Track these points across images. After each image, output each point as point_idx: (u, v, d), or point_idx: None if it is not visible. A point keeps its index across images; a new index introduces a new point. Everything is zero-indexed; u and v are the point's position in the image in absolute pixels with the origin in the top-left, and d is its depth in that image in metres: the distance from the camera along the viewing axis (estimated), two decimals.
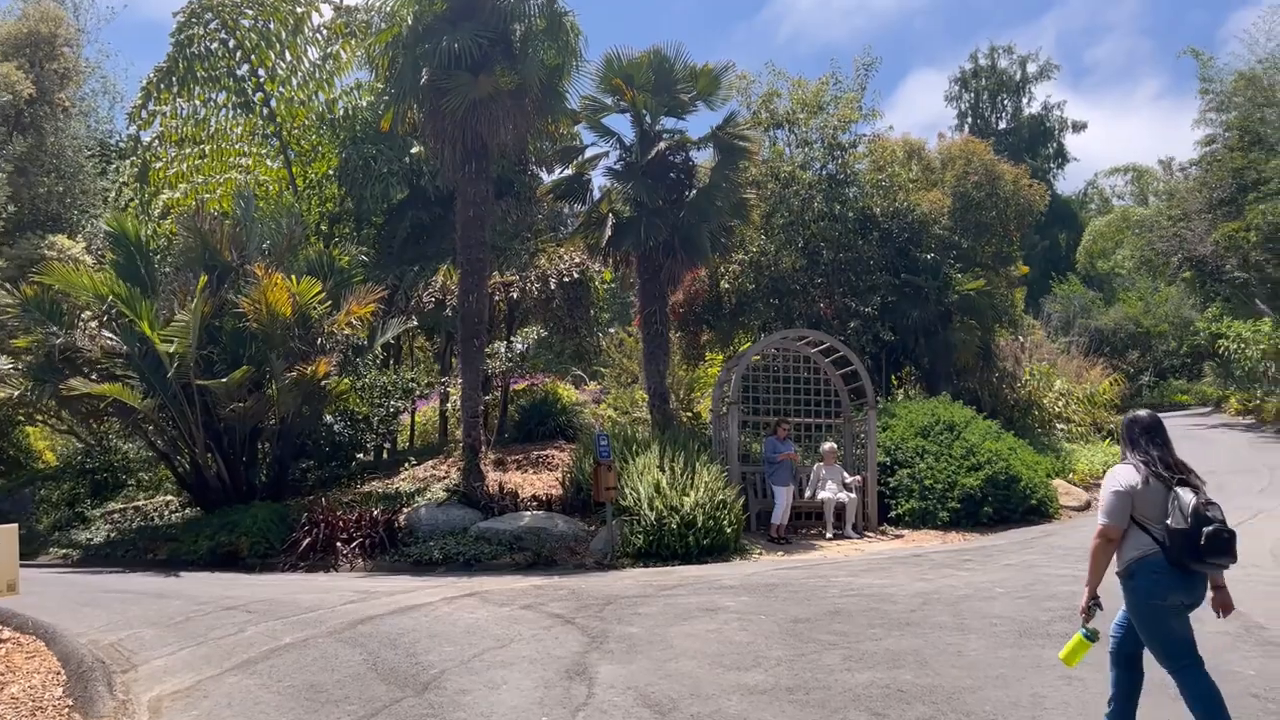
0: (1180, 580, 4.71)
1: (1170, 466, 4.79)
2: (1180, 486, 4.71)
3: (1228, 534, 4.58)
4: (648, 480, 13.12)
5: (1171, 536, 4.64)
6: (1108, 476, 4.94)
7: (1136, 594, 4.83)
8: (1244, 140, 28.17)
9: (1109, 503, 4.83)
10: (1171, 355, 45.11)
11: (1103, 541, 4.86)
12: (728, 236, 17.56)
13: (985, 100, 54.21)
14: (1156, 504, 4.74)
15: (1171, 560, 4.66)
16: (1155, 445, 4.87)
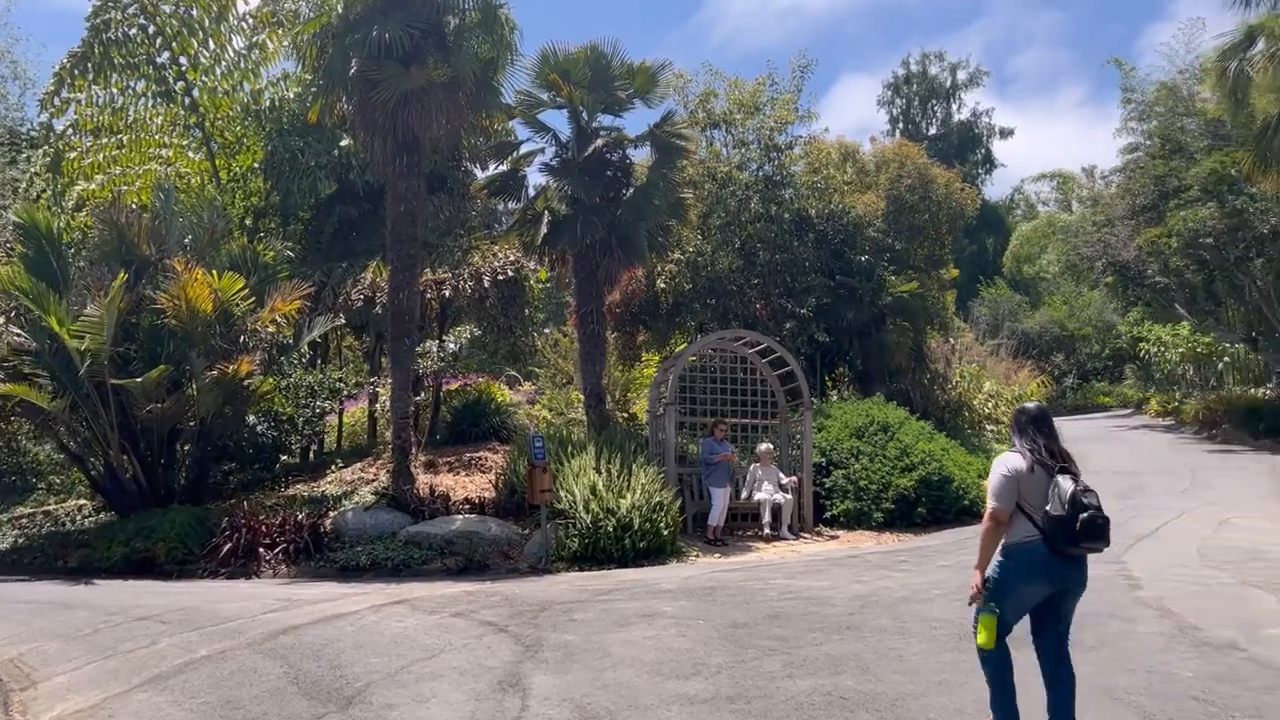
0: (1051, 567, 4.89)
1: (1054, 455, 4.98)
2: (1061, 475, 4.89)
3: (1102, 520, 4.77)
4: (583, 482, 12.88)
5: (1050, 522, 4.82)
6: (996, 463, 5.13)
7: (1004, 569, 5.02)
8: (1165, 148, 28.91)
9: (998, 486, 5.00)
10: (1094, 358, 46.28)
11: (993, 524, 5.01)
12: (665, 236, 17.38)
13: (916, 106, 55.07)
14: (1039, 490, 4.91)
15: (1049, 545, 4.84)
16: (1041, 435, 5.06)
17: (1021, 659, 5.18)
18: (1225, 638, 7.30)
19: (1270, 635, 7.39)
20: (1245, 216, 25.00)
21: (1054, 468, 4.92)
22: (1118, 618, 8.04)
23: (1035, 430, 5.07)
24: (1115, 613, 8.23)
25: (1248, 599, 8.83)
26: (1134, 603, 8.69)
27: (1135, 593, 9.15)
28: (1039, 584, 4.96)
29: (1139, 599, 8.85)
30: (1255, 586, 9.36)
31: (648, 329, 21.12)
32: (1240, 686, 6.03)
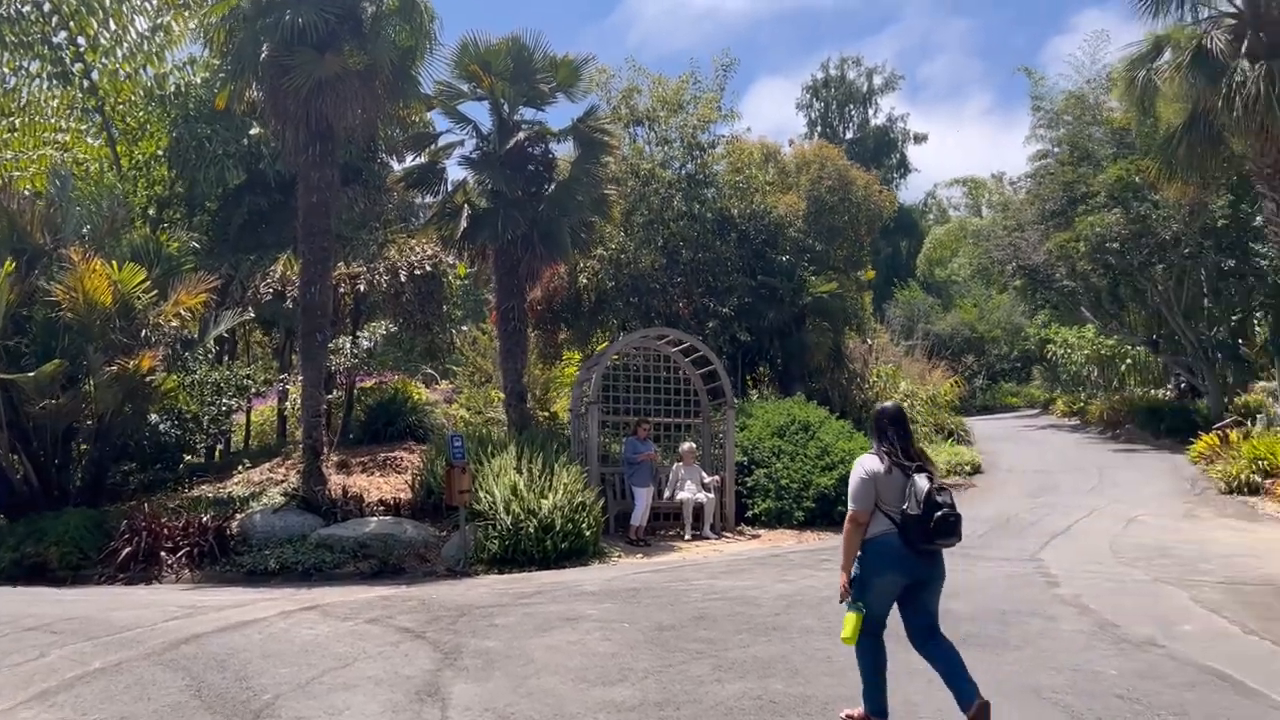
0: (907, 560, 5.11)
1: (910, 456, 5.22)
2: (918, 474, 5.13)
3: (954, 517, 5.03)
4: (504, 483, 12.59)
5: (906, 520, 5.05)
6: (855, 466, 5.33)
7: (865, 564, 5.21)
8: (1074, 156, 29.70)
9: (856, 489, 5.22)
10: (1003, 359, 47.50)
11: (853, 526, 5.22)
12: (588, 232, 17.16)
13: (834, 110, 55.77)
14: (897, 490, 5.13)
15: (906, 541, 5.06)
16: (899, 436, 5.30)
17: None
18: (1144, 634, 7.40)
19: (1185, 631, 7.52)
20: (1148, 223, 25.80)
21: (910, 468, 5.15)
22: (1039, 616, 8.11)
23: (894, 432, 5.31)
24: (1037, 611, 8.31)
25: (1161, 595, 9.00)
26: (1053, 600, 8.79)
27: (1054, 590, 9.27)
28: (895, 575, 5.16)
29: (1058, 596, 8.96)
30: (1166, 583, 9.57)
31: (569, 327, 20.88)
32: (1162, 684, 6.08)
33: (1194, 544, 12.06)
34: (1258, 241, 25.24)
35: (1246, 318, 29.61)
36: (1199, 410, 26.84)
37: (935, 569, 5.24)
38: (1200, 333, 28.38)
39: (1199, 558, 11.01)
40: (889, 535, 5.11)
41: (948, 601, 8.71)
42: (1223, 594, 8.94)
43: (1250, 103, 15.75)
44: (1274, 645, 7.05)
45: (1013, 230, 32.36)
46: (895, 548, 5.09)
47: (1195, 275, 27.29)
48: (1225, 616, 8.00)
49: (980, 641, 7.24)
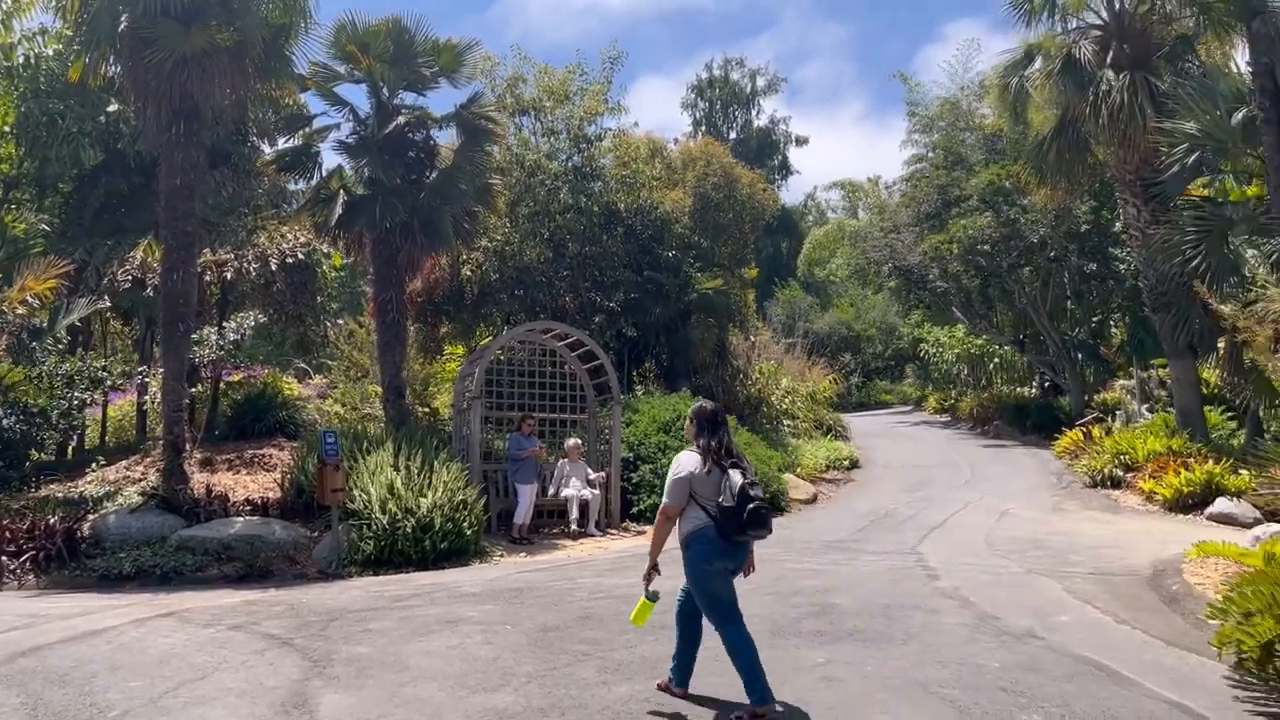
0: (727, 549, 5.44)
1: (726, 453, 5.51)
2: (733, 470, 5.43)
3: (765, 510, 5.42)
4: (380, 481, 12.09)
5: (722, 513, 5.36)
6: (674, 463, 5.60)
7: (691, 560, 5.51)
8: (947, 160, 30.64)
9: (672, 486, 5.51)
10: (878, 357, 48.82)
11: (664, 519, 5.56)
12: (471, 223, 16.70)
13: (718, 110, 56.27)
14: (713, 485, 5.42)
15: (720, 533, 5.36)
16: (717, 433, 5.57)
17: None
18: (1023, 626, 7.51)
19: (1062, 622, 7.66)
20: (1017, 226, 26.81)
21: (726, 464, 5.45)
22: (922, 609, 8.16)
23: (713, 430, 5.58)
24: (919, 604, 8.36)
25: (1036, 587, 9.20)
26: (934, 593, 8.88)
27: (934, 583, 9.37)
28: (723, 561, 5.49)
29: (939, 589, 9.06)
30: (1040, 574, 9.79)
31: (451, 320, 20.33)
32: (1043, 676, 6.14)
33: (1063, 536, 12.45)
34: (1116, 247, 26.53)
35: (1106, 319, 31.10)
36: (1062, 407, 28.05)
37: (744, 558, 5.64)
38: (1063, 333, 29.67)
39: (1069, 549, 11.35)
40: (707, 528, 5.40)
41: (835, 596, 8.78)
42: (1093, 585, 9.19)
43: (1115, 111, 16.45)
44: (1145, 635, 7.23)
45: (889, 232, 33.21)
46: (714, 538, 5.39)
47: (1059, 278, 28.48)
48: (1097, 607, 8.20)
49: (867, 636, 7.22)
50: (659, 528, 5.59)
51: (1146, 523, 13.79)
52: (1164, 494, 14.69)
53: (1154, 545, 11.30)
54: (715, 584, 5.54)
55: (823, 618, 7.86)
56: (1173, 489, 14.54)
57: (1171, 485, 14.60)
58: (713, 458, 5.46)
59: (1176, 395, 18.91)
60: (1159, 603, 8.36)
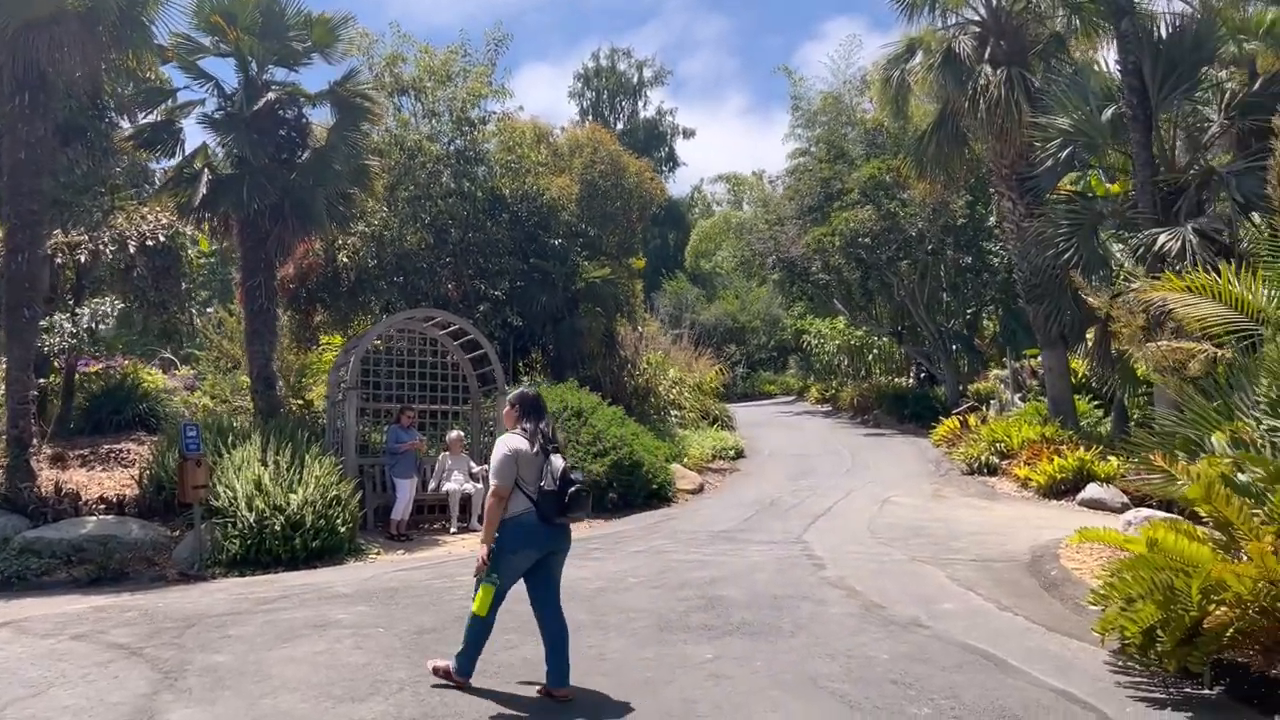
0: (544, 534, 5.55)
1: (548, 438, 5.65)
2: (554, 454, 5.59)
3: (585, 492, 5.59)
4: (247, 476, 11.39)
5: (543, 496, 5.48)
6: (498, 444, 5.64)
7: (502, 540, 5.55)
8: (830, 154, 31.11)
9: (499, 467, 5.52)
10: (762, 348, 49.44)
11: (496, 501, 5.54)
12: (347, 205, 15.95)
13: (605, 99, 55.96)
14: (536, 468, 5.54)
15: (542, 516, 5.47)
16: (540, 419, 5.73)
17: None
18: (909, 615, 7.47)
19: (946, 610, 7.66)
20: (897, 220, 27.38)
21: (548, 449, 5.59)
22: (809, 599, 8.06)
23: (537, 415, 5.72)
24: (807, 594, 8.27)
25: (919, 574, 9.23)
26: (821, 583, 8.81)
27: (821, 573, 9.32)
28: (530, 551, 5.57)
29: (825, 579, 9.00)
30: (924, 562, 9.86)
31: (327, 308, 19.46)
32: (931, 666, 6.07)
33: (943, 522, 12.63)
34: (990, 241, 27.38)
35: (979, 311, 32.10)
36: (938, 397, 28.82)
37: (566, 540, 5.77)
38: (939, 325, 30.48)
39: (949, 536, 11.50)
40: (527, 514, 5.49)
41: (723, 587, 8.62)
42: (975, 571, 9.28)
43: (993, 105, 16.83)
44: (1027, 621, 7.28)
45: (773, 225, 33.56)
46: (533, 525, 5.48)
47: (936, 271, 29.24)
48: (980, 594, 8.25)
49: (756, 629, 7.06)
50: (492, 510, 5.57)
51: (1023, 508, 14.15)
52: (1038, 480, 15.11)
53: (1031, 531, 11.55)
54: (505, 572, 5.59)
55: (711, 611, 7.68)
56: (1047, 475, 14.96)
57: (1045, 472, 15.03)
58: (539, 441, 5.58)
59: (1049, 384, 19.54)
60: (1039, 588, 8.47)
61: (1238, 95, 14.87)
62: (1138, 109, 14.62)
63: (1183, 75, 14.48)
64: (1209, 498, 5.46)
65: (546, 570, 5.72)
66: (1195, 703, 5.27)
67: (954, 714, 5.17)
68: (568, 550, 5.82)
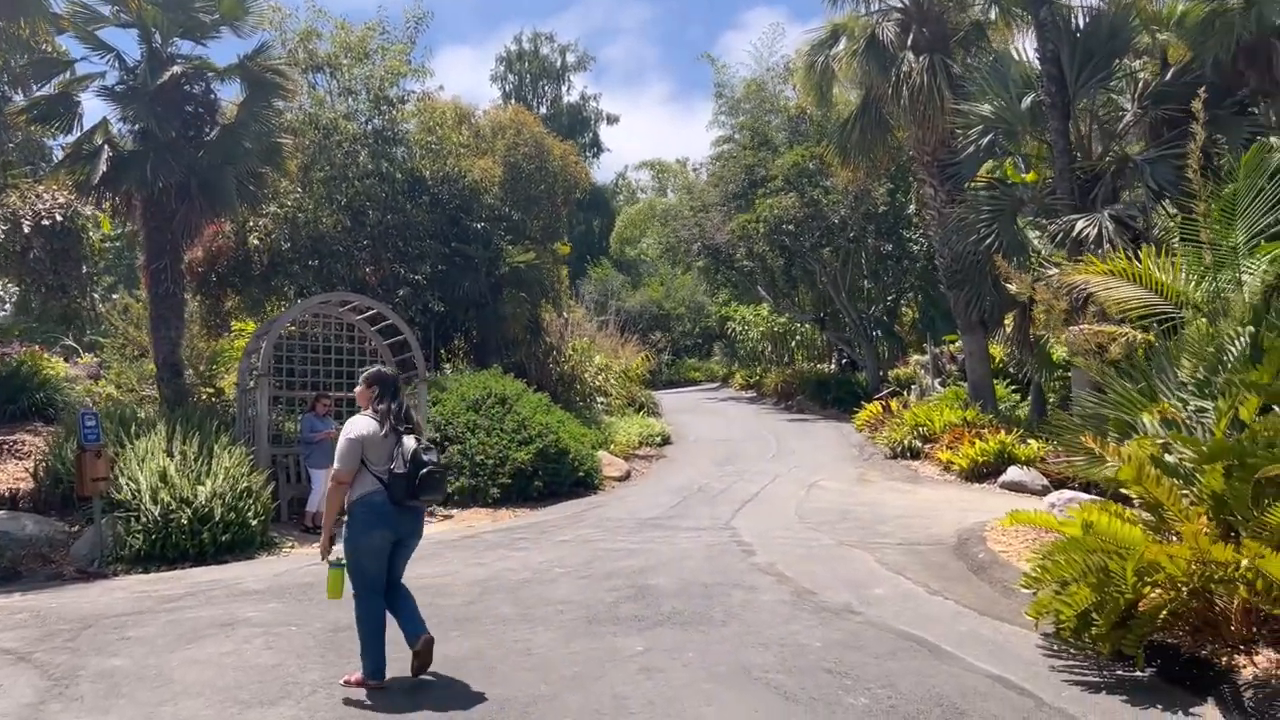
0: (394, 518, 5.38)
1: (401, 419, 5.49)
2: (406, 436, 5.43)
3: (439, 474, 5.43)
4: (151, 468, 10.83)
5: (393, 478, 5.32)
6: (346, 426, 5.51)
7: (352, 527, 5.41)
8: (754, 141, 31.14)
9: (344, 450, 5.39)
10: (687, 335, 49.51)
11: (336, 485, 5.43)
12: (258, 185, 15.32)
13: (528, 84, 55.26)
14: (386, 450, 5.38)
15: (392, 498, 5.32)
16: (394, 399, 5.56)
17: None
18: (840, 601, 7.37)
19: (877, 595, 7.58)
20: (820, 207, 27.54)
21: (400, 430, 5.43)
22: (740, 587, 7.92)
23: (391, 395, 5.57)
24: (737, 582, 8.13)
25: (848, 559, 9.16)
26: (751, 569, 8.68)
27: (751, 559, 9.19)
28: (385, 532, 5.39)
29: (755, 565, 8.87)
30: (852, 546, 9.80)
31: (238, 292, 18.75)
32: (866, 654, 5.95)
33: (869, 506, 12.65)
34: (909, 229, 27.72)
35: (899, 298, 32.52)
36: (859, 383, 29.14)
37: (418, 524, 5.62)
38: (861, 311, 30.80)
39: (876, 520, 11.49)
40: (376, 494, 5.33)
41: (653, 576, 8.42)
42: (903, 555, 9.25)
43: (915, 92, 16.91)
44: (957, 605, 7.23)
45: (698, 211, 33.53)
46: (381, 505, 5.32)
47: (858, 258, 29.51)
48: (909, 578, 8.20)
49: (687, 619, 6.88)
50: (332, 494, 5.46)
51: (946, 491, 14.27)
52: (961, 464, 15.27)
53: (955, 513, 11.61)
54: (365, 558, 5.41)
55: (641, 601, 7.48)
56: (969, 459, 15.13)
57: (968, 455, 15.19)
58: (390, 422, 5.42)
59: (969, 369, 19.82)
60: (966, 571, 8.46)
61: (1150, 85, 15.15)
62: (1056, 97, 14.80)
63: (1099, 64, 14.70)
64: (1140, 479, 5.43)
65: (394, 557, 5.57)
66: (1129, 685, 5.24)
67: (890, 703, 5.06)
68: (419, 537, 5.67)
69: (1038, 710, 4.93)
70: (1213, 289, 7.59)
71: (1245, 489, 5.11)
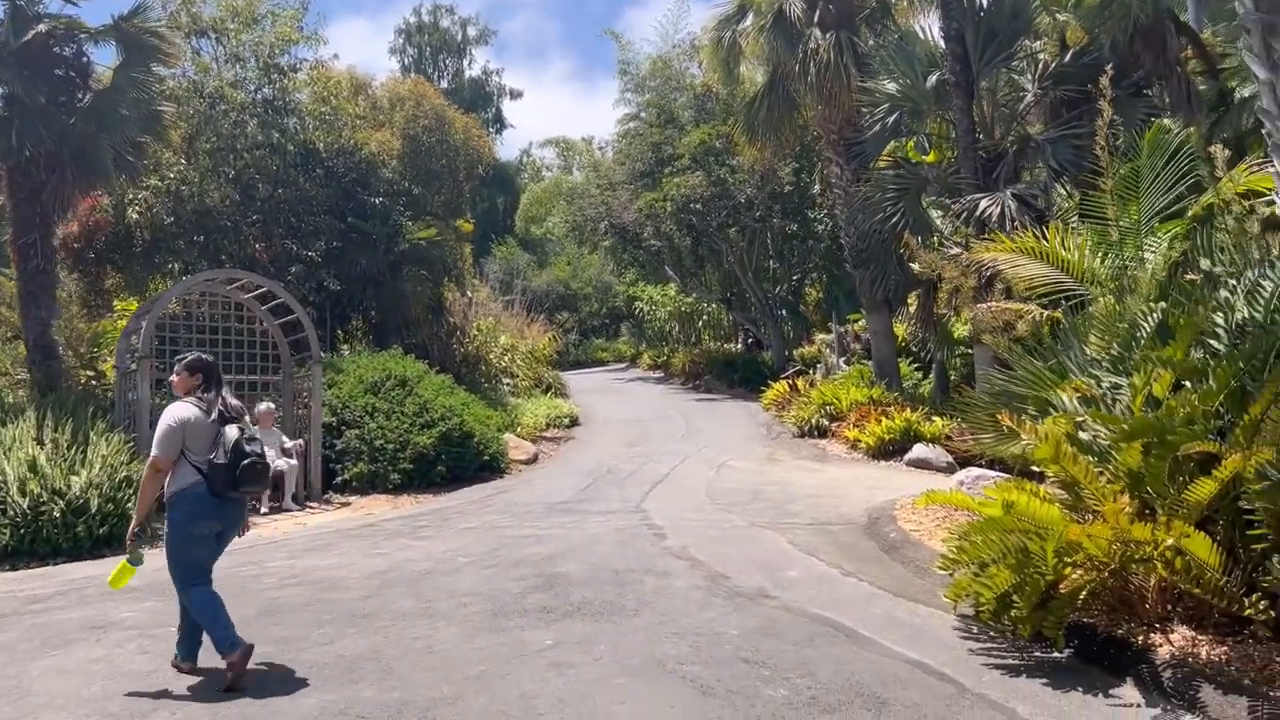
0: (216, 509, 5.22)
1: (225, 407, 5.32)
2: (228, 424, 5.26)
3: (261, 465, 5.25)
4: (19, 457, 10.05)
5: (214, 469, 5.15)
6: (165, 413, 5.29)
7: (173, 520, 5.25)
8: (660, 118, 30.87)
9: (162, 437, 5.19)
10: (595, 315, 49.20)
11: (153, 473, 5.22)
12: (138, 155, 14.39)
13: (429, 57, 53.90)
14: (208, 439, 5.21)
15: (212, 490, 5.15)
16: (216, 386, 5.39)
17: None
18: (754, 585, 7.19)
19: (791, 578, 7.43)
20: (726, 186, 27.45)
21: (223, 418, 5.26)
22: (653, 573, 7.67)
23: (215, 383, 5.39)
24: (650, 567, 7.88)
25: (761, 540, 9.01)
26: (663, 554, 8.45)
27: (662, 543, 8.96)
28: (209, 522, 5.23)
29: (667, 549, 8.65)
30: (764, 527, 9.66)
31: (119, 270, 17.65)
32: (783, 641, 5.76)
33: (779, 486, 12.56)
34: (814, 209, 27.86)
35: (804, 278, 32.74)
36: (765, 362, 29.26)
37: (238, 516, 5.46)
38: (766, 291, 30.91)
39: (786, 499, 11.40)
40: (197, 486, 5.16)
41: (562, 564, 8.10)
42: (815, 535, 9.14)
43: (822, 69, 16.84)
44: (871, 587, 7.12)
45: (605, 190, 33.15)
46: (203, 496, 5.15)
47: (764, 238, 29.56)
48: (822, 559, 8.07)
49: (598, 609, 6.59)
50: (148, 483, 5.25)
51: (854, 469, 14.30)
52: (868, 442, 15.34)
53: (864, 491, 11.60)
54: (195, 548, 5.28)
55: (550, 590, 7.17)
56: (875, 437, 15.20)
57: (874, 433, 15.26)
58: (218, 410, 5.28)
59: (874, 347, 19.98)
60: (879, 551, 8.38)
61: (1050, 66, 15.36)
62: (960, 76, 14.88)
63: (1002, 44, 14.85)
64: (1057, 457, 5.34)
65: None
66: (1049, 667, 5.16)
67: (811, 694, 4.86)
68: (237, 528, 5.50)
69: (959, 697, 4.79)
70: (1119, 265, 7.62)
71: (1163, 466, 5.06)
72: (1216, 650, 4.91)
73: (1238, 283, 5.91)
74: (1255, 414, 4.87)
